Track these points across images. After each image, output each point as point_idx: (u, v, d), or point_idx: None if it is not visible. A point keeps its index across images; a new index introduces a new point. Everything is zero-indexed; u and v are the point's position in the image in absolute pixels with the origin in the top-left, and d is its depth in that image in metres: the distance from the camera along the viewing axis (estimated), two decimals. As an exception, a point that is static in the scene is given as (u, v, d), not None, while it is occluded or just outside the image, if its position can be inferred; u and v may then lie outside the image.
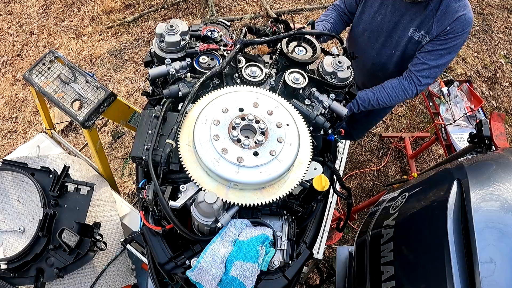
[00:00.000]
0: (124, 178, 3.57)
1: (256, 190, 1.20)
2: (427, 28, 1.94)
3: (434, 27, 1.92)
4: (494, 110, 4.10)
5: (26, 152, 2.25)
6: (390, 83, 2.10)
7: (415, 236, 1.45)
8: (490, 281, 1.16)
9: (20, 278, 1.79)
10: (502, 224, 1.25)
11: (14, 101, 4.00)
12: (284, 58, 1.56)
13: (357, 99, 2.11)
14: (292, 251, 1.28)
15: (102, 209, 2.08)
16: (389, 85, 2.10)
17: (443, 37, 1.93)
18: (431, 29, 1.93)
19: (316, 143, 1.44)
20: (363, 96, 2.11)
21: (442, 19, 1.89)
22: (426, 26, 1.94)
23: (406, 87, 2.07)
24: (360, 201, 3.56)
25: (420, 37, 1.98)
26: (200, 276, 1.15)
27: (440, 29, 1.91)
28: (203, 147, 1.19)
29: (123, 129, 3.82)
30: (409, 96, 2.10)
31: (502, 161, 1.55)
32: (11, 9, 4.64)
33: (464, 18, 1.87)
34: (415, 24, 1.96)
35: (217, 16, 4.46)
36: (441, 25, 1.90)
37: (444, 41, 1.94)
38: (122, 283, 1.96)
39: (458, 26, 1.89)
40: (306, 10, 4.65)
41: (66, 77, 1.98)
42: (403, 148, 3.78)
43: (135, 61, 4.23)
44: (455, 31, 1.90)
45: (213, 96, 1.34)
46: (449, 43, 1.94)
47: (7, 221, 1.96)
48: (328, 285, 3.12)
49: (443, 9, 1.89)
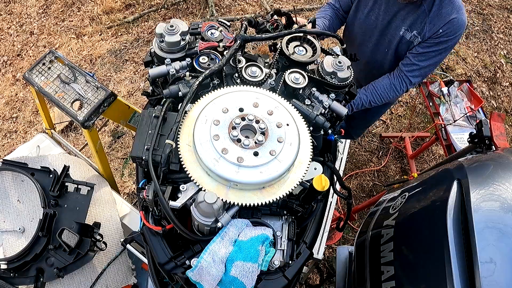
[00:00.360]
0: (124, 178, 3.57)
1: (256, 190, 1.20)
2: (419, 29, 1.95)
3: (427, 28, 1.92)
4: (494, 110, 4.10)
5: (26, 152, 2.25)
6: (382, 84, 2.14)
7: (415, 236, 1.45)
8: (490, 281, 1.16)
9: (20, 278, 1.79)
10: (502, 224, 1.25)
11: (14, 101, 4.00)
12: (284, 58, 1.56)
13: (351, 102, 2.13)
14: (292, 251, 1.28)
15: (102, 209, 2.08)
16: (380, 86, 2.14)
17: (435, 40, 1.94)
18: (423, 30, 1.93)
19: (316, 143, 1.44)
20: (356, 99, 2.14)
21: (434, 20, 1.89)
22: (418, 26, 1.95)
23: (397, 87, 2.11)
24: (360, 201, 3.56)
25: (411, 37, 1.99)
26: (200, 276, 1.15)
27: (432, 31, 1.92)
28: (203, 147, 1.19)
29: (123, 129, 3.82)
30: (399, 94, 2.16)
31: (502, 161, 1.55)
32: (11, 9, 4.64)
33: (457, 21, 1.87)
34: (407, 24, 1.97)
35: (217, 16, 4.46)
36: (434, 27, 1.91)
37: (436, 44, 1.95)
38: (122, 283, 1.96)
39: (451, 29, 1.89)
40: (306, 10, 4.65)
41: (66, 77, 1.98)
42: (403, 148, 3.78)
43: (135, 61, 4.23)
44: (447, 34, 1.90)
45: (213, 96, 1.34)
46: (441, 45, 1.95)
47: (7, 221, 1.96)
48: (328, 285, 3.12)
49: (435, 10, 1.89)
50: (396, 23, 2.01)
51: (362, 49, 2.23)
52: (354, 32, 2.23)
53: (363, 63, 2.29)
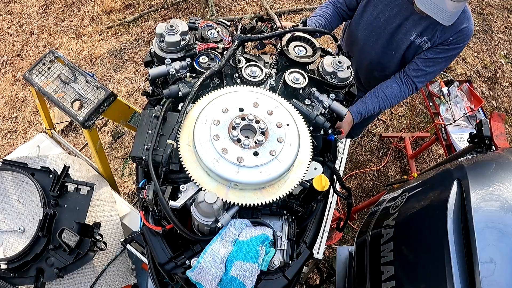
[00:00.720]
0: (124, 178, 3.57)
1: (256, 190, 1.20)
2: (431, 36, 1.95)
3: (438, 35, 1.93)
4: (494, 110, 4.10)
5: (26, 152, 2.25)
6: (392, 91, 2.10)
7: (415, 236, 1.45)
8: (490, 281, 1.16)
9: (20, 278, 1.79)
10: (502, 224, 1.25)
11: (14, 101, 4.00)
12: (284, 58, 1.56)
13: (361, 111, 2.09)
14: (292, 251, 1.28)
15: (102, 209, 2.08)
16: (390, 93, 2.11)
17: (445, 47, 1.95)
18: (434, 36, 1.94)
19: (316, 143, 1.44)
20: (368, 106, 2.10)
21: (446, 28, 1.90)
22: (429, 33, 1.95)
23: (405, 93, 2.12)
24: (360, 201, 3.56)
25: (421, 42, 1.99)
26: (200, 276, 1.15)
27: (443, 39, 1.93)
28: (203, 147, 1.19)
29: (123, 129, 3.82)
30: (405, 99, 2.20)
31: (502, 161, 1.55)
32: (11, 9, 4.64)
33: (467, 30, 1.91)
34: (418, 30, 1.97)
35: (217, 16, 4.46)
36: (445, 35, 1.92)
37: (445, 50, 1.97)
38: (122, 283, 1.96)
39: (461, 38, 1.92)
40: (306, 10, 4.65)
41: (66, 77, 1.98)
42: (403, 148, 3.78)
43: (135, 61, 4.23)
44: (457, 42, 1.93)
45: (213, 96, 1.34)
46: (449, 52, 1.97)
47: (7, 221, 1.96)
48: (328, 285, 3.12)
49: None
50: (407, 28, 2.01)
51: (366, 50, 2.22)
52: (358, 32, 2.22)
53: (365, 64, 2.28)
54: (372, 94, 2.13)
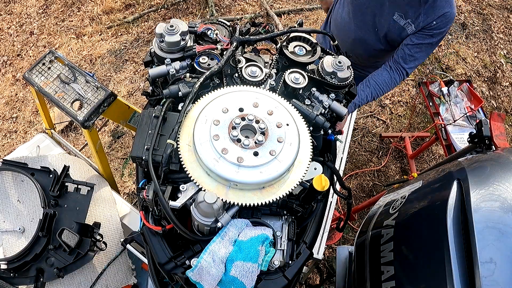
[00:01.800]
0: (124, 178, 3.57)
1: (256, 190, 1.20)
2: (414, 18, 2.00)
3: (421, 18, 1.99)
4: (494, 110, 4.10)
5: (26, 152, 2.25)
6: (383, 79, 2.17)
7: (415, 236, 1.45)
8: (490, 281, 1.16)
9: (20, 278, 1.79)
10: (502, 224, 1.25)
11: (14, 101, 4.00)
12: (284, 58, 1.56)
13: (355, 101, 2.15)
14: (292, 251, 1.28)
15: (102, 209, 2.08)
16: (381, 81, 2.18)
17: (429, 32, 2.02)
18: (418, 19, 2.00)
19: (316, 143, 1.44)
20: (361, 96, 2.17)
21: (429, 12, 1.97)
22: (412, 15, 2.00)
23: (397, 79, 2.18)
24: (360, 201, 3.56)
25: (405, 24, 2.05)
26: (200, 276, 1.15)
27: (426, 22, 1.99)
28: (203, 147, 1.19)
29: (123, 129, 3.82)
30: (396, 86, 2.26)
31: (502, 161, 1.55)
32: (11, 9, 4.64)
33: (449, 15, 1.98)
34: (400, 10, 2.02)
35: (217, 16, 4.46)
36: (428, 18, 1.98)
37: (429, 35, 2.03)
38: (122, 283, 1.96)
39: (443, 22, 1.99)
40: (306, 10, 4.65)
41: (66, 77, 1.98)
42: (403, 148, 3.78)
43: (135, 61, 4.23)
44: (439, 27, 2.00)
45: (213, 96, 1.34)
46: (434, 38, 2.04)
47: (7, 221, 1.96)
48: (328, 285, 3.12)
49: (431, 2, 1.95)
50: (391, 7, 2.06)
51: (349, 28, 2.27)
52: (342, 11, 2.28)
53: (350, 41, 2.33)
54: (363, 84, 2.20)
